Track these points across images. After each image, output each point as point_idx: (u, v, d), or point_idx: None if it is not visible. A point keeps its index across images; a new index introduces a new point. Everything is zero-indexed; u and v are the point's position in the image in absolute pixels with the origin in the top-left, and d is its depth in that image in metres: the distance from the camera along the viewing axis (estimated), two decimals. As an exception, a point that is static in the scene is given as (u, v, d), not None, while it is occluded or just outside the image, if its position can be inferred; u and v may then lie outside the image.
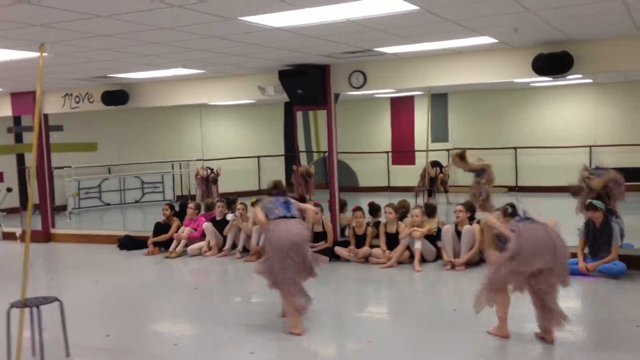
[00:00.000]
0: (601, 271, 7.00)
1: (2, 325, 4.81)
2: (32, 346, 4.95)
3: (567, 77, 9.06)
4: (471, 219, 8.01)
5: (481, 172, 10.74)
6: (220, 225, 9.33)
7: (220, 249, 9.24)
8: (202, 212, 9.98)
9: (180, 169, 15.85)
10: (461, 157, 10.83)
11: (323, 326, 5.78)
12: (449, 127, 15.94)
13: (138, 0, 4.46)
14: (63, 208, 14.05)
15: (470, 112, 15.74)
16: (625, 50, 7.13)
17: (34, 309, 4.87)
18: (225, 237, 9.24)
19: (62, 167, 13.65)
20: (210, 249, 9.25)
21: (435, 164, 13.21)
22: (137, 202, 15.44)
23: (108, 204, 15.13)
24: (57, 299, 4.95)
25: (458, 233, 7.87)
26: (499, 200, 9.36)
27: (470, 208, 8.09)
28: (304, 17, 5.22)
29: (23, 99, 10.97)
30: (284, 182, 6.32)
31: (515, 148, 14.97)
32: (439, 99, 15.64)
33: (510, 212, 5.19)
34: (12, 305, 4.78)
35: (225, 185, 14.41)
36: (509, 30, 6.43)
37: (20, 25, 5.16)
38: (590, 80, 13.51)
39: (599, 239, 7.14)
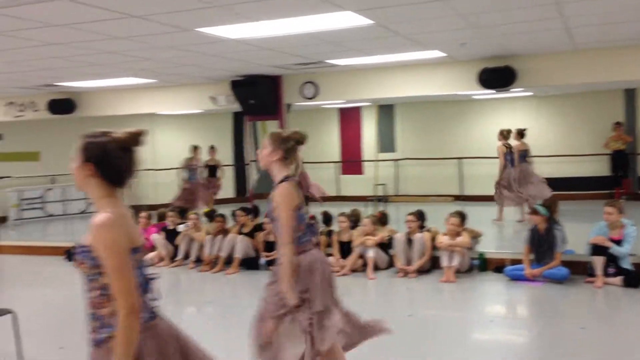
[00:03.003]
0: (546, 276, 7.31)
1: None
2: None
3: (510, 90, 9.44)
4: (421, 228, 8.23)
5: None
6: (172, 234, 9.25)
7: (172, 259, 9.16)
8: (154, 221, 9.87)
9: (128, 179, 15.55)
10: None
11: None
12: (396, 138, 16.26)
13: (92, 11, 4.45)
14: (3, 220, 13.60)
15: (417, 123, 16.08)
16: (564, 65, 7.53)
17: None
18: (176, 247, 9.16)
19: (1, 177, 13.23)
20: (162, 259, 9.15)
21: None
22: (82, 212, 15.06)
23: (52, 215, 14.71)
24: (9, 311, 4.82)
25: (409, 241, 8.07)
26: (447, 209, 9.61)
27: (420, 217, 8.31)
28: (260, 30, 5.30)
29: (-37, 107, 10.64)
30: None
31: (459, 158, 15.39)
32: (386, 110, 15.95)
33: None
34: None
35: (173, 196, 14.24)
36: (457, 45, 6.70)
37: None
38: (530, 93, 14.08)
39: (543, 246, 7.46)
